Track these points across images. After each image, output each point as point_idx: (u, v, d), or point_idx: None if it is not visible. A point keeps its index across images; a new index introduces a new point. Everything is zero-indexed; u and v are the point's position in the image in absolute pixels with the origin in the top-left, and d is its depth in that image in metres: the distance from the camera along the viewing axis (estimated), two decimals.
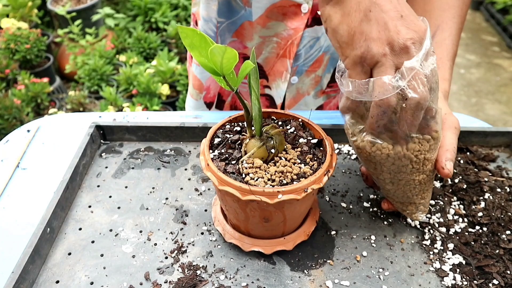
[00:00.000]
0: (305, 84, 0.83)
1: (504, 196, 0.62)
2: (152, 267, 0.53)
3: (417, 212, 0.57)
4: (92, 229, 0.58)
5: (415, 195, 0.54)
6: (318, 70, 0.81)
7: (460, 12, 0.65)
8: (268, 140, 0.50)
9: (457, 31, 0.64)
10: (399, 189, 0.53)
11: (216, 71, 0.40)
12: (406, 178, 0.51)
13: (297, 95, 0.85)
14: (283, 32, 0.75)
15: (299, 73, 0.81)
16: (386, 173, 0.51)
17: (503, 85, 2.92)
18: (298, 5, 0.72)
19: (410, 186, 0.52)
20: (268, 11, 0.73)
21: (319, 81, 0.84)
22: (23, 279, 0.48)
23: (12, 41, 2.17)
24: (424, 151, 0.48)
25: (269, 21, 0.74)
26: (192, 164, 0.69)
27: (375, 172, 0.52)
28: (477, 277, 0.52)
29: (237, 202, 0.49)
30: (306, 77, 0.82)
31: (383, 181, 0.53)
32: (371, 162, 0.50)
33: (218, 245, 0.56)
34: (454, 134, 0.54)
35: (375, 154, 0.48)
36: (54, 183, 0.64)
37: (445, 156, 0.51)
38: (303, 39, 0.76)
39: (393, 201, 0.57)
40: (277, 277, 0.52)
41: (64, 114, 0.83)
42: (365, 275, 0.53)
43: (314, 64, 0.80)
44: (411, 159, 0.48)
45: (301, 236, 0.56)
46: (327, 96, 0.88)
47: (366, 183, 0.61)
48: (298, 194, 0.46)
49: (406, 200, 0.55)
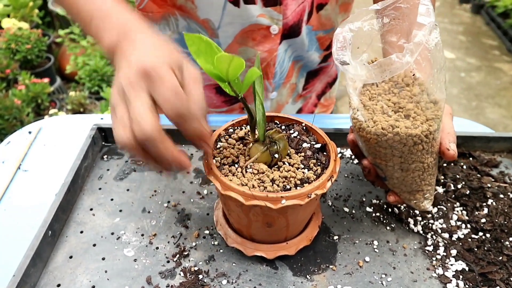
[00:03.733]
0: (283, 95, 0.85)
1: (507, 202, 0.62)
2: (154, 271, 0.53)
3: (424, 200, 0.57)
4: (94, 232, 0.58)
5: (423, 180, 0.54)
6: (292, 78, 0.83)
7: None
8: (271, 145, 0.50)
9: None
10: (409, 175, 0.53)
11: (222, 77, 0.40)
12: (416, 162, 0.51)
13: (277, 107, 0.87)
14: (254, 57, 0.75)
15: (277, 87, 0.83)
16: (397, 157, 0.51)
17: (503, 88, 2.92)
18: (267, 27, 0.72)
19: (420, 171, 0.53)
20: (238, 38, 0.73)
21: (295, 88, 0.86)
22: (24, 283, 0.48)
23: (13, 41, 2.17)
24: (432, 130, 0.49)
25: (239, 46, 0.74)
26: (194, 167, 0.69)
27: (385, 159, 0.52)
28: (480, 283, 0.52)
29: (240, 207, 0.49)
30: (283, 89, 0.84)
31: (392, 168, 0.53)
32: (381, 147, 0.50)
33: (220, 250, 0.56)
34: (450, 119, 0.56)
35: (387, 138, 0.48)
36: (56, 185, 0.64)
37: (447, 138, 0.53)
38: (278, 57, 0.77)
39: (401, 192, 0.56)
40: (280, 282, 0.52)
41: (65, 115, 0.83)
42: (367, 281, 0.53)
43: (288, 75, 0.82)
44: (422, 139, 0.48)
45: (304, 241, 0.55)
46: (304, 98, 0.90)
47: (367, 178, 0.59)
48: (302, 199, 0.46)
49: (415, 188, 0.55)
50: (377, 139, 0.49)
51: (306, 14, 0.74)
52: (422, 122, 0.48)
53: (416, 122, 0.48)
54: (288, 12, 0.71)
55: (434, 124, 0.48)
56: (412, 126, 0.48)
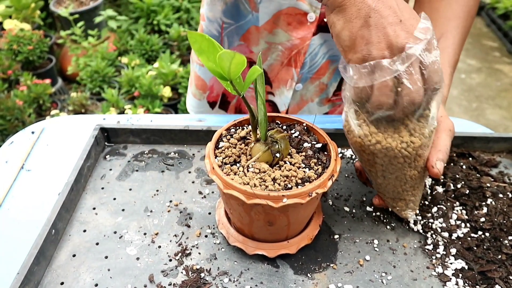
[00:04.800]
0: (309, 91, 0.84)
1: (506, 201, 0.62)
2: (156, 270, 0.53)
3: (407, 209, 0.58)
4: (97, 231, 0.58)
5: (405, 191, 0.55)
6: (323, 77, 0.82)
7: (465, 23, 0.66)
8: (273, 145, 0.50)
9: (460, 41, 0.65)
10: (390, 183, 0.54)
11: (224, 75, 0.41)
12: (397, 173, 0.52)
13: (301, 102, 0.85)
14: (287, 42, 0.76)
15: (304, 80, 0.82)
16: (379, 165, 0.52)
17: (504, 90, 2.92)
18: (304, 13, 0.72)
19: (401, 181, 0.53)
20: (275, 17, 0.73)
21: (324, 89, 0.85)
22: (28, 280, 0.49)
23: (14, 42, 2.18)
24: (416, 146, 0.49)
25: (275, 27, 0.74)
26: (196, 167, 0.69)
27: (368, 164, 0.53)
28: (479, 282, 0.53)
29: (242, 206, 0.49)
30: (310, 84, 0.83)
31: (375, 174, 0.54)
32: (365, 153, 0.51)
33: (222, 248, 0.56)
34: (448, 136, 0.56)
35: (370, 144, 0.49)
36: (58, 184, 0.65)
37: (436, 155, 0.52)
38: (310, 47, 0.76)
39: (384, 197, 0.58)
40: (281, 280, 0.53)
41: (68, 116, 0.84)
42: (368, 279, 0.53)
43: (318, 71, 0.81)
44: (402, 153, 0.49)
45: (305, 239, 0.56)
46: (333, 104, 0.89)
47: (359, 179, 0.63)
48: (303, 198, 0.47)
49: (397, 196, 0.56)
50: (360, 143, 0.50)
51: None
52: (404, 137, 0.48)
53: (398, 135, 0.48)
54: None
55: (418, 140, 0.48)
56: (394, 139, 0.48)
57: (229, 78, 0.41)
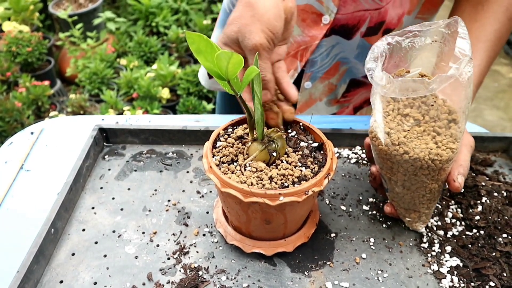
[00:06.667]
0: (318, 90, 0.85)
1: (501, 200, 0.63)
2: (155, 268, 0.54)
3: (418, 222, 0.58)
4: (96, 230, 0.59)
5: (421, 203, 0.55)
6: (332, 78, 0.83)
7: (494, 48, 0.67)
8: (270, 144, 0.51)
9: (487, 64, 0.66)
10: (408, 194, 0.54)
11: (221, 75, 0.41)
12: (418, 184, 0.52)
13: (309, 100, 0.87)
14: (298, 36, 0.77)
15: (313, 79, 0.83)
16: (401, 174, 0.52)
17: (501, 91, 2.94)
18: (320, 14, 0.74)
19: (420, 193, 0.53)
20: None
21: (334, 90, 0.86)
22: (28, 279, 0.49)
23: (13, 44, 2.18)
24: (443, 160, 0.49)
25: None
26: (194, 167, 0.70)
27: (389, 172, 0.53)
28: (474, 279, 0.53)
29: (239, 204, 0.50)
30: (319, 83, 0.84)
31: (395, 182, 0.54)
32: (389, 161, 0.51)
33: (220, 247, 0.57)
34: (469, 152, 0.57)
35: (397, 154, 0.49)
36: (58, 184, 0.65)
37: (458, 170, 0.53)
38: (320, 47, 0.78)
39: (398, 206, 0.58)
40: (278, 278, 0.53)
41: (67, 116, 0.84)
42: (364, 277, 0.54)
43: (328, 72, 0.82)
44: (429, 165, 0.49)
45: (302, 238, 0.57)
46: (341, 106, 0.90)
47: (372, 184, 0.62)
48: (299, 196, 0.47)
49: (412, 207, 0.56)
50: (386, 151, 0.50)
51: (365, 27, 0.75)
52: (433, 149, 0.48)
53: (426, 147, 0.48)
54: (343, 10, 0.73)
55: (445, 154, 0.49)
56: (422, 150, 0.48)
57: (226, 78, 0.42)
